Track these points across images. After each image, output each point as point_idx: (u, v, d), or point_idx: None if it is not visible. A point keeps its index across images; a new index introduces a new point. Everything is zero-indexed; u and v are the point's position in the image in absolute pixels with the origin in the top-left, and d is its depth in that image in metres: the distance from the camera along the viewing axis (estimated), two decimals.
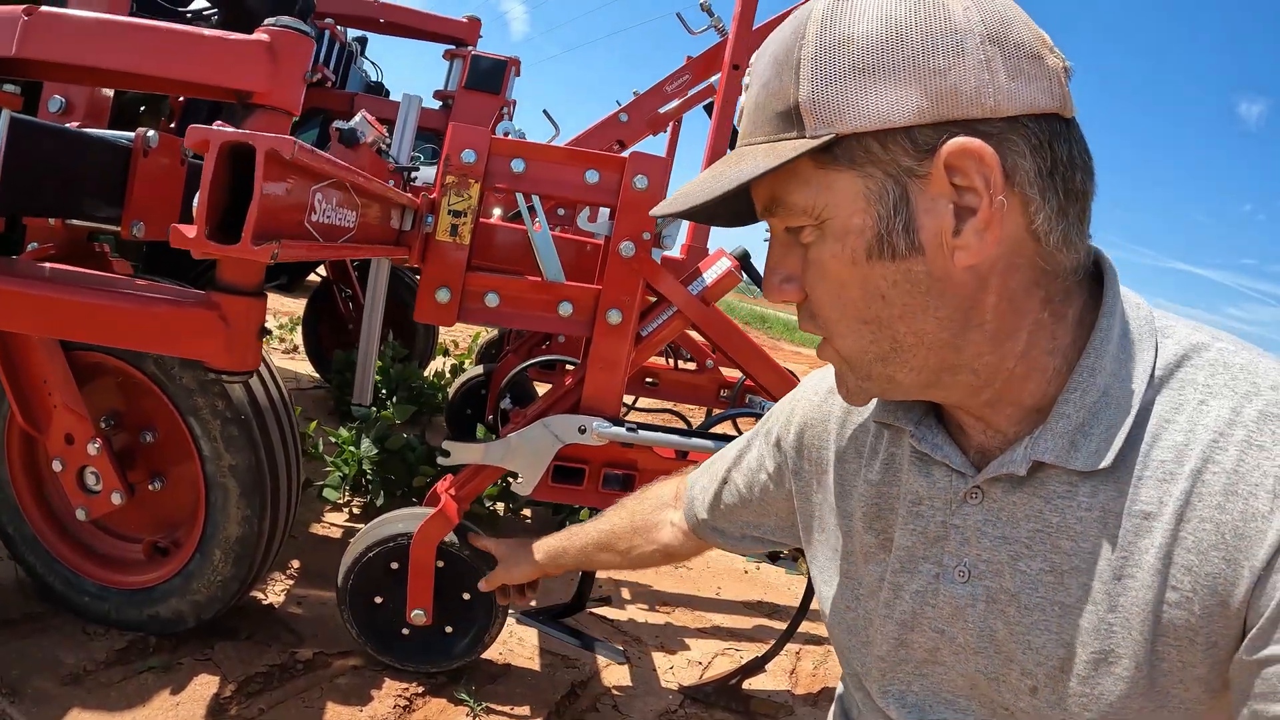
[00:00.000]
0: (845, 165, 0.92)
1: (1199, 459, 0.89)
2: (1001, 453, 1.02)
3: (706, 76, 4.57)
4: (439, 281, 2.44)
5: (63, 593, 2.75)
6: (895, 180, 0.91)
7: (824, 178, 0.93)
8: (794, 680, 3.47)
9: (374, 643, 2.72)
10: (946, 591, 1.07)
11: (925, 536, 1.10)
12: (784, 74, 0.94)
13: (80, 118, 2.45)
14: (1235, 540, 0.85)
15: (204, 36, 1.74)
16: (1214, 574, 0.86)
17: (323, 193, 1.68)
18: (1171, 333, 1.00)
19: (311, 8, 4.42)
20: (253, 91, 1.72)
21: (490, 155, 2.45)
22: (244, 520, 2.60)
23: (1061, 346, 0.99)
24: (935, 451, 1.09)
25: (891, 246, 0.92)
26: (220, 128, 1.39)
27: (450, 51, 5.23)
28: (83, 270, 2.07)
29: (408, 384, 5.50)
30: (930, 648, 1.10)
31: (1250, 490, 0.86)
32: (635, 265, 2.48)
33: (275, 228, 1.50)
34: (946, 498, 1.08)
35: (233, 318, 1.80)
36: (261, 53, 1.71)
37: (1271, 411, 0.89)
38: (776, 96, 0.95)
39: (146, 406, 2.67)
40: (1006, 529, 1.01)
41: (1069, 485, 0.96)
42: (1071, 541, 0.96)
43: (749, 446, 1.52)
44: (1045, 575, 0.98)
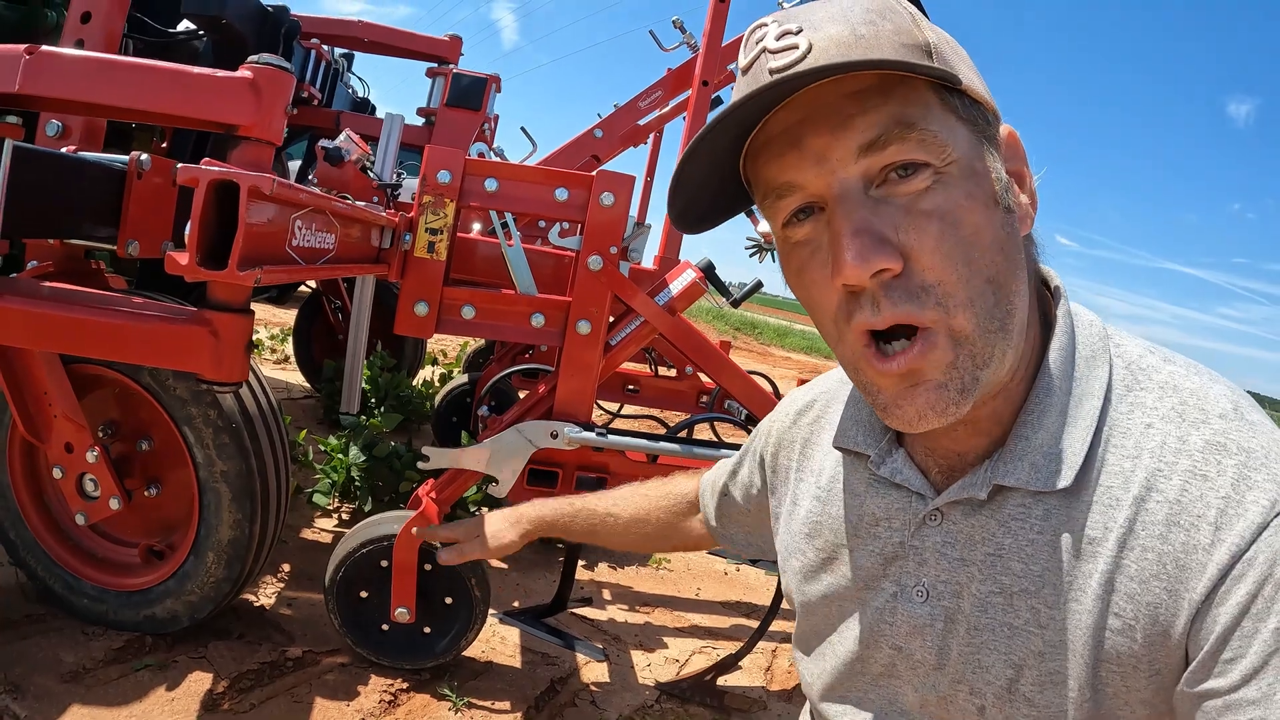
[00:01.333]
0: (961, 116, 0.90)
1: (1142, 486, 0.89)
2: (963, 473, 1.02)
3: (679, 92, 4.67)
4: (417, 295, 2.56)
5: (62, 595, 2.84)
6: (989, 142, 0.92)
7: (947, 119, 0.89)
8: (769, 677, 3.55)
9: (355, 636, 2.82)
10: (905, 610, 1.06)
11: (883, 556, 1.10)
12: (894, 18, 0.90)
13: (77, 141, 2.55)
14: (1176, 571, 0.85)
15: (192, 74, 1.86)
16: (1155, 604, 0.86)
17: (302, 219, 1.82)
18: (1123, 352, 1.00)
19: (297, 30, 4.52)
20: (238, 125, 1.83)
21: (465, 175, 2.57)
22: (236, 524, 2.69)
23: (1025, 360, 0.98)
24: (895, 475, 1.09)
25: (1003, 198, 0.91)
26: (208, 166, 1.53)
27: (432, 69, 5.31)
28: (81, 288, 2.17)
29: (396, 393, 5.58)
30: (887, 663, 1.10)
31: (1192, 522, 0.85)
32: (603, 278, 2.60)
33: (258, 254, 1.64)
34: (905, 519, 1.08)
35: (222, 333, 1.91)
36: (246, 89, 1.82)
37: (1218, 441, 0.88)
38: (895, 33, 0.89)
39: (142, 416, 2.77)
40: (964, 551, 1.01)
41: (1024, 507, 0.96)
42: (1022, 564, 0.95)
43: (741, 462, 1.54)
44: (995, 597, 0.97)
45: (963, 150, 0.88)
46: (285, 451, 2.94)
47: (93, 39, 2.75)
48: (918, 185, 0.87)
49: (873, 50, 0.87)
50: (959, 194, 0.87)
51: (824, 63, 0.85)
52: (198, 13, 3.75)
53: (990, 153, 0.92)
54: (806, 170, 0.91)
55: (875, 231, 0.87)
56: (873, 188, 0.89)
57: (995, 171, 0.91)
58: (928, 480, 1.07)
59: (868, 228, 0.87)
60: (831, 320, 0.95)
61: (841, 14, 0.90)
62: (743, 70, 0.98)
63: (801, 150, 0.91)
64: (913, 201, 0.87)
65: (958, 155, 0.88)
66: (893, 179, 0.88)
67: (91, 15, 2.76)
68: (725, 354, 4.99)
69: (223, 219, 1.60)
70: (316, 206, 1.90)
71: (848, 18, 0.90)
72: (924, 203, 0.87)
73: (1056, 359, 0.97)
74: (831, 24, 0.89)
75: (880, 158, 0.87)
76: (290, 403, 6.25)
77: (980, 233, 0.88)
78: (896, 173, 0.88)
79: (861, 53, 0.87)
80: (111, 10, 2.79)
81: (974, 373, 0.89)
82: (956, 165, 0.88)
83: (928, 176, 0.87)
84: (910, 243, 0.87)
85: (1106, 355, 0.99)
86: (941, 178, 0.87)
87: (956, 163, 0.88)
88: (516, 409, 2.75)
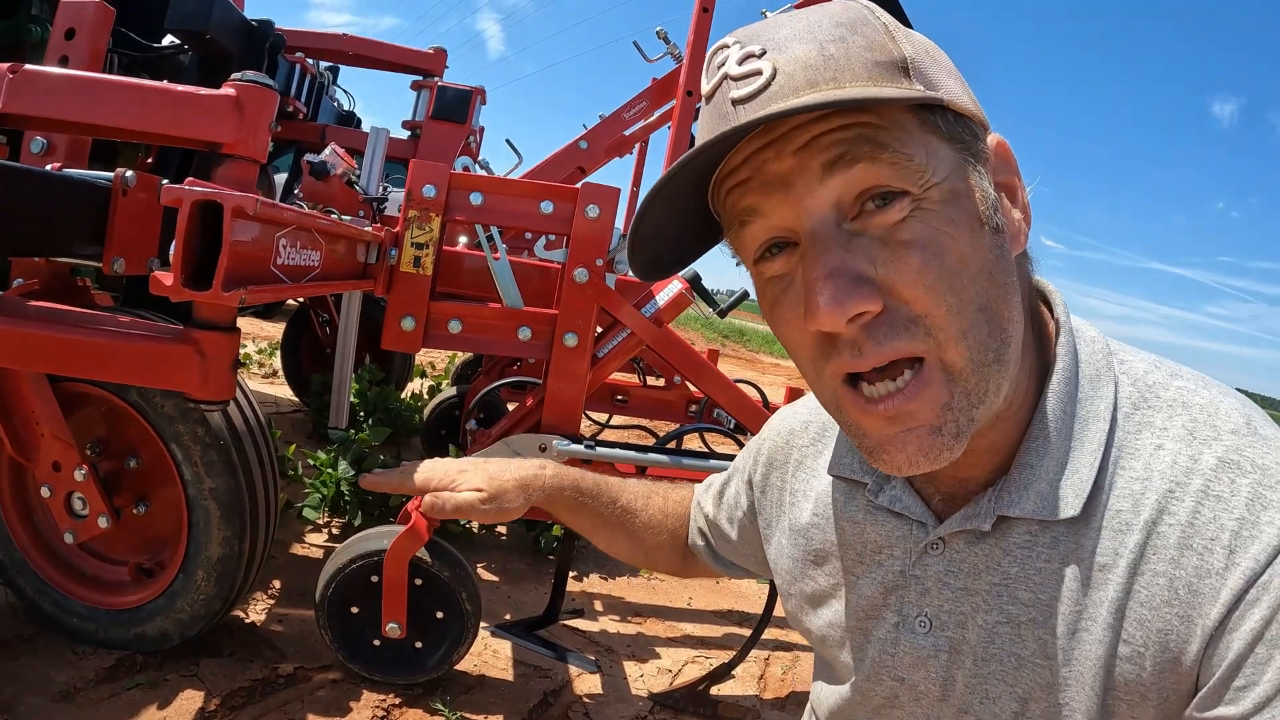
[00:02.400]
0: (943, 133, 0.85)
1: (1154, 509, 0.86)
2: (966, 500, 0.99)
3: (663, 102, 4.68)
4: (404, 310, 2.57)
5: (52, 614, 2.83)
6: (976, 158, 0.88)
7: (927, 140, 0.84)
8: (763, 685, 3.54)
9: (347, 652, 2.81)
10: (907, 641, 1.03)
11: (884, 586, 1.07)
12: (865, 32, 0.85)
13: (62, 158, 2.54)
14: (1189, 597, 0.82)
15: (176, 93, 1.86)
16: (1166, 630, 0.83)
17: (286, 237, 1.82)
18: (1129, 369, 0.97)
19: (282, 44, 4.52)
20: (222, 143, 1.84)
21: (450, 189, 2.58)
22: (225, 541, 2.69)
23: (1024, 382, 0.95)
24: (894, 504, 1.05)
25: (991, 219, 0.86)
26: (191, 186, 1.53)
27: (417, 83, 5.32)
28: (67, 307, 2.17)
29: (385, 406, 5.57)
30: (889, 695, 1.07)
31: (1205, 545, 0.82)
32: (589, 290, 2.61)
33: (243, 274, 1.64)
34: (906, 547, 1.05)
35: (208, 351, 1.91)
36: (229, 107, 1.83)
37: (1231, 459, 0.85)
38: (867, 50, 0.84)
39: (130, 433, 2.76)
40: (968, 580, 0.98)
41: (1030, 535, 0.93)
42: (1030, 593, 0.92)
43: (729, 481, 1.49)
44: (1003, 627, 0.94)
45: (944, 173, 0.83)
46: (274, 467, 2.94)
47: (77, 55, 2.75)
48: (895, 215, 0.82)
49: (843, 73, 0.82)
50: (940, 220, 0.82)
51: (786, 104, 0.80)
52: (182, 28, 3.74)
53: (977, 170, 0.87)
54: (771, 197, 0.87)
55: (850, 272, 0.82)
56: (847, 220, 0.84)
57: (981, 190, 0.86)
58: (929, 508, 1.03)
59: (842, 268, 0.82)
60: (808, 360, 0.91)
61: (808, 30, 0.85)
62: (705, 98, 0.93)
63: (765, 176, 0.86)
64: (890, 233, 0.82)
65: (938, 180, 0.83)
66: (868, 209, 0.83)
67: (76, 31, 2.76)
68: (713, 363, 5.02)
69: (207, 238, 1.60)
70: (301, 224, 1.91)
71: (815, 34, 0.84)
72: (903, 233, 0.82)
73: (1059, 381, 0.94)
74: (797, 43, 0.84)
75: (849, 180, 0.83)
76: (279, 417, 6.25)
77: (966, 260, 0.83)
78: (872, 202, 0.83)
79: (831, 77, 0.82)
80: (96, 26, 2.78)
81: (969, 412, 0.86)
82: (937, 190, 0.83)
83: (905, 205, 0.82)
84: (891, 276, 0.82)
85: (1111, 374, 0.95)
86: (921, 204, 0.82)
87: (937, 187, 0.83)
88: (505, 422, 2.76)
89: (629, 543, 1.60)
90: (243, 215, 1.58)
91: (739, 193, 0.89)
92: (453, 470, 1.57)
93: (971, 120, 0.88)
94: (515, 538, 4.65)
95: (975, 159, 0.87)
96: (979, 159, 0.88)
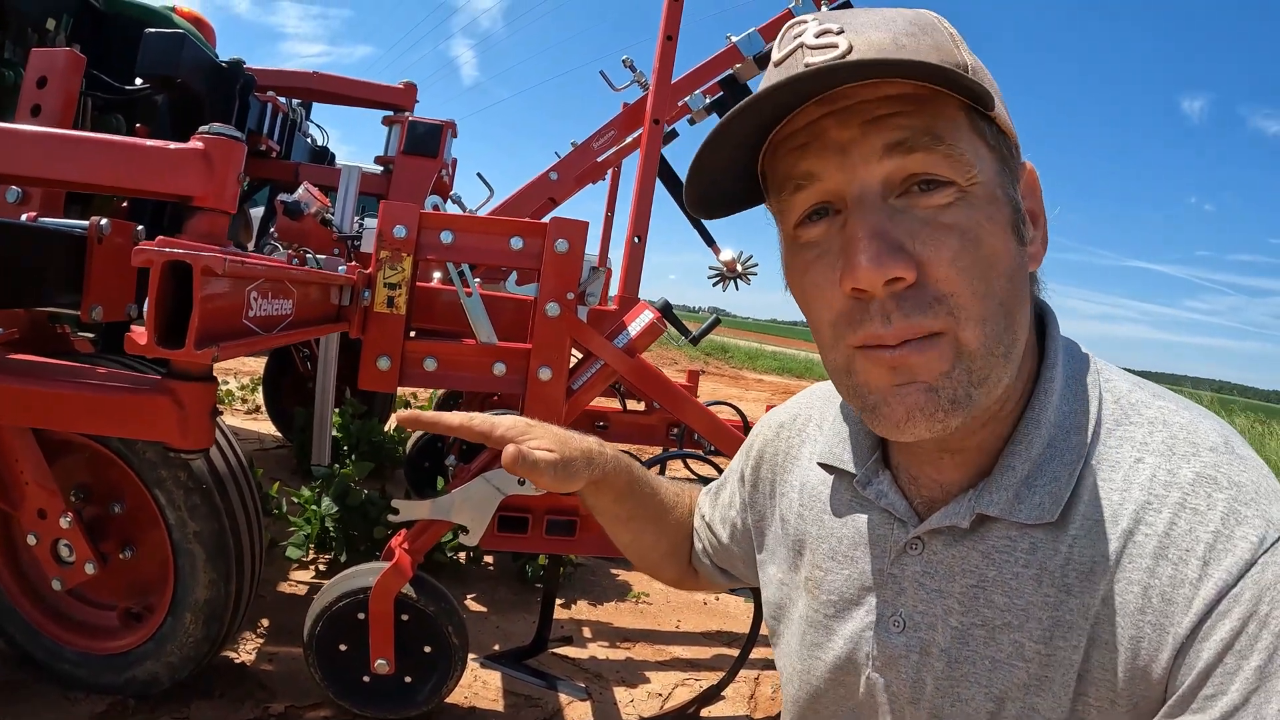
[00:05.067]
0: (989, 143, 0.89)
1: (1131, 519, 0.88)
2: (945, 504, 1.00)
3: (631, 131, 4.69)
4: (379, 350, 2.59)
5: (44, 661, 2.85)
6: (1011, 174, 0.92)
7: (975, 142, 0.88)
8: (753, 705, 3.56)
9: (337, 689, 2.83)
10: (882, 639, 1.03)
11: (861, 583, 1.08)
12: (935, 36, 0.91)
13: (37, 207, 2.55)
14: (1162, 605, 0.83)
15: (144, 148, 1.88)
16: (1139, 637, 0.84)
17: (257, 290, 1.85)
18: (1112, 387, 0.99)
19: (252, 84, 4.55)
20: (191, 196, 1.86)
21: (421, 229, 2.61)
22: (211, 583, 2.70)
23: (1016, 391, 0.97)
24: (880, 499, 1.06)
25: (1020, 230, 0.91)
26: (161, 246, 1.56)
27: (388, 118, 5.33)
28: (45, 360, 2.19)
29: (368, 440, 5.58)
30: (865, 692, 1.06)
31: (1181, 556, 0.84)
32: (561, 324, 2.64)
33: (216, 329, 1.67)
34: (885, 545, 1.05)
35: (186, 402, 1.92)
36: (197, 160, 1.85)
37: (1209, 474, 0.87)
38: (937, 50, 0.89)
39: (114, 479, 2.77)
40: (943, 582, 0.99)
41: (1009, 540, 0.94)
42: (1006, 597, 0.93)
43: (724, 484, 1.49)
44: (977, 629, 0.95)
45: (988, 175, 0.88)
46: (257, 508, 2.95)
47: (50, 102, 2.77)
48: (940, 200, 0.86)
49: (916, 54, 0.86)
50: (981, 215, 0.86)
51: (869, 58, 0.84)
52: (152, 73, 3.77)
53: (1012, 183, 0.91)
54: (828, 161, 0.89)
55: (892, 238, 0.85)
56: (893, 196, 0.87)
57: (1015, 202, 0.91)
58: (911, 507, 1.04)
59: (884, 232, 0.85)
60: (829, 325, 0.92)
61: (885, 22, 0.90)
62: (775, 63, 0.95)
63: (825, 142, 0.89)
64: (933, 215, 0.85)
65: (983, 179, 0.87)
66: (914, 191, 0.86)
67: (47, 80, 2.78)
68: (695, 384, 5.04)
69: (179, 295, 1.63)
70: (271, 276, 1.93)
71: (890, 26, 0.89)
72: (945, 216, 0.85)
73: (1046, 391, 0.96)
74: (874, 30, 0.89)
75: (904, 164, 0.86)
76: (262, 453, 6.25)
77: (998, 256, 0.87)
78: (919, 186, 0.86)
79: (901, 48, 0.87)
80: (67, 73, 2.80)
81: (967, 388, 0.87)
82: (981, 187, 0.87)
83: (951, 193, 0.86)
84: (927, 254, 0.85)
85: (1096, 389, 0.98)
86: (965, 196, 0.86)
87: (982, 184, 0.87)
88: (484, 457, 2.77)
89: (654, 539, 1.53)
90: (212, 274, 1.61)
91: (796, 155, 0.92)
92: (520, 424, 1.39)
93: (1010, 139, 0.92)
94: (501, 568, 4.67)
95: (1012, 174, 0.92)
96: (1014, 175, 0.92)
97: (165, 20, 4.16)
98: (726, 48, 4.60)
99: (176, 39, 3.76)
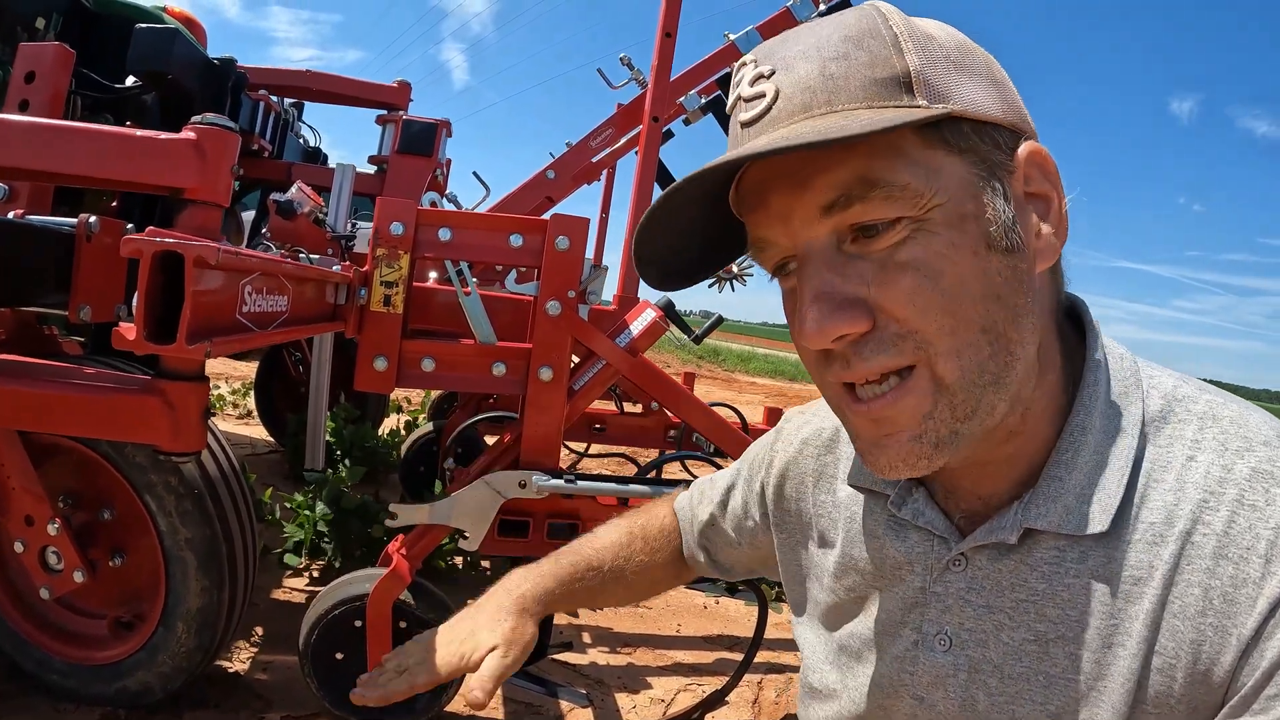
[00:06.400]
0: (953, 148, 0.84)
1: (1188, 520, 0.85)
2: (988, 517, 0.97)
3: (629, 129, 4.67)
4: (376, 350, 2.53)
5: (33, 672, 2.78)
6: (993, 173, 0.86)
7: (932, 158, 0.83)
8: (757, 709, 3.52)
9: (334, 698, 2.76)
10: (926, 660, 1.01)
11: (903, 602, 1.05)
12: (871, 46, 0.85)
13: (24, 204, 2.49)
14: (1224, 606, 0.80)
15: (135, 138, 1.82)
16: (1200, 640, 0.81)
17: (252, 285, 1.78)
18: (1157, 384, 0.95)
19: (244, 82, 4.50)
20: (184, 188, 1.80)
21: (418, 226, 2.55)
22: (204, 591, 2.64)
23: (1054, 398, 0.94)
24: (917, 518, 1.03)
25: (1003, 240, 0.85)
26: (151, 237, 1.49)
27: (382, 117, 5.28)
28: (32, 360, 2.13)
29: (361, 444, 5.53)
30: (909, 714, 1.04)
31: (1241, 554, 0.81)
32: (562, 323, 2.58)
33: (208, 324, 1.60)
34: (927, 563, 1.02)
35: (177, 402, 1.86)
36: (190, 151, 1.79)
37: (1265, 469, 0.84)
38: (868, 66, 0.84)
39: (102, 485, 2.70)
40: (991, 597, 0.96)
41: (1057, 551, 0.91)
42: (1058, 610, 0.90)
43: (733, 488, 1.46)
44: (1030, 645, 0.92)
45: (949, 192, 0.82)
46: (250, 513, 2.89)
47: (38, 98, 2.71)
48: (891, 239, 0.83)
49: (838, 94, 0.83)
50: (940, 243, 0.82)
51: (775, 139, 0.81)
52: (143, 69, 3.72)
53: (992, 185, 0.85)
54: (775, 229, 0.89)
55: (837, 296, 0.84)
56: (846, 243, 0.86)
57: (994, 209, 0.85)
58: (951, 523, 1.02)
59: (829, 292, 0.85)
60: (814, 367, 0.94)
61: (815, 46, 0.86)
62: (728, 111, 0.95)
63: (769, 209, 0.89)
64: (888, 255, 0.83)
65: (941, 200, 0.82)
66: (862, 238, 0.84)
67: (35, 75, 2.73)
68: (689, 386, 4.99)
69: (170, 288, 1.57)
70: (266, 270, 1.87)
71: (820, 51, 0.85)
72: (900, 254, 0.83)
73: (1089, 396, 0.93)
74: (802, 62, 0.86)
75: (844, 218, 0.84)
76: (255, 458, 6.18)
77: (966, 283, 0.83)
78: (864, 234, 0.84)
79: (825, 100, 0.83)
80: (56, 69, 2.75)
81: (952, 425, 0.86)
82: (940, 211, 0.82)
83: (903, 229, 0.82)
84: (883, 298, 0.83)
85: (1140, 389, 0.94)
86: (921, 226, 0.82)
87: (940, 208, 0.82)
88: (483, 460, 2.72)
89: (628, 593, 1.58)
90: (204, 265, 1.54)
91: (751, 219, 0.93)
92: (453, 648, 1.39)
93: (999, 127, 0.87)
94: (498, 573, 4.56)
95: (993, 172, 0.86)
96: (999, 171, 0.87)
97: (156, 20, 4.09)
98: (724, 46, 4.57)
99: (168, 34, 3.70)
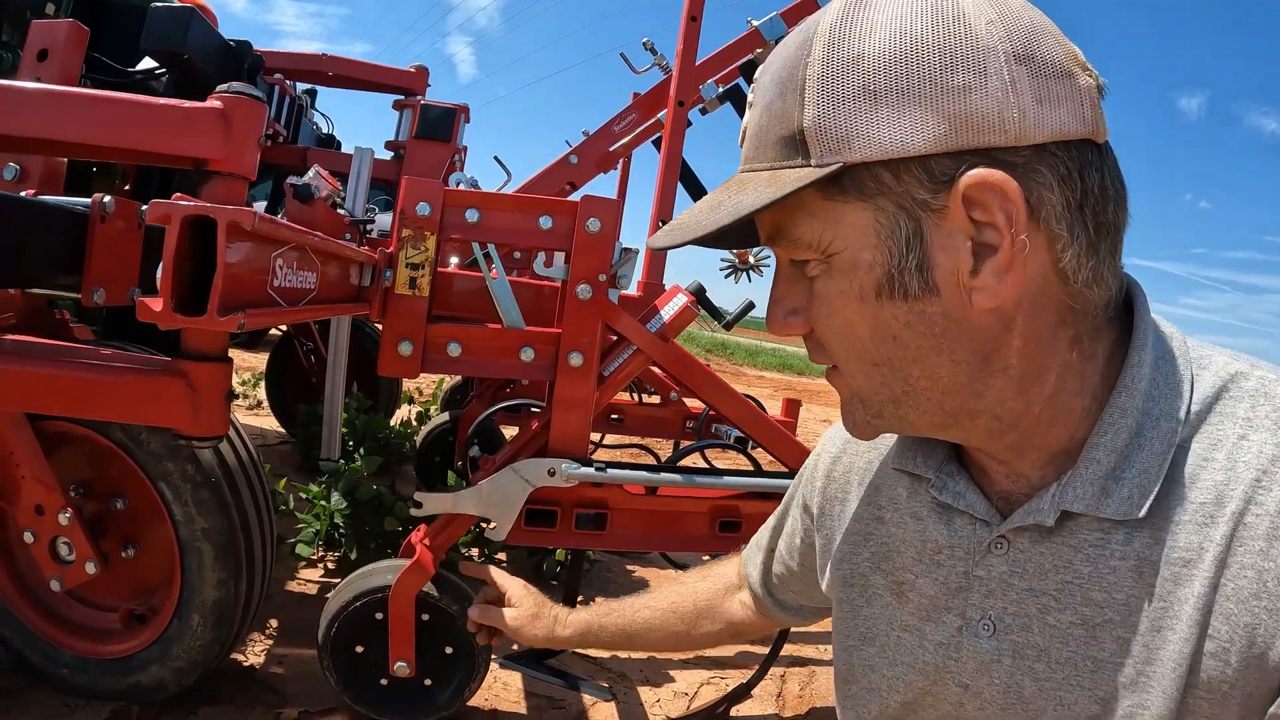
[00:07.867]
0: (855, 196, 0.84)
1: (1241, 500, 0.82)
2: (1027, 499, 0.95)
3: (653, 114, 4.61)
4: (401, 335, 2.45)
5: (41, 666, 2.71)
6: (909, 214, 0.84)
7: (831, 209, 0.86)
8: (781, 704, 3.48)
9: (354, 693, 2.69)
10: (970, 645, 0.99)
11: (946, 587, 1.03)
12: (787, 95, 0.86)
13: (36, 184, 2.43)
14: (1279, 589, 0.78)
15: (158, 105, 1.73)
16: (1254, 624, 0.79)
17: (283, 257, 1.70)
18: (1208, 363, 0.93)
19: (260, 65, 4.44)
20: (208, 159, 1.72)
21: (445, 207, 2.47)
22: (220, 583, 2.57)
23: (1091, 386, 0.92)
24: (958, 501, 1.02)
25: (903, 286, 0.85)
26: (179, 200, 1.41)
27: (399, 102, 5.23)
28: (45, 341, 2.05)
29: (374, 435, 5.47)
30: (955, 702, 1.02)
31: None
32: (593, 307, 2.50)
33: (239, 297, 1.52)
34: (969, 547, 1.01)
35: (199, 384, 1.79)
36: (216, 120, 1.70)
37: None
38: (779, 120, 0.87)
39: (115, 473, 2.63)
40: (1034, 580, 0.94)
41: (1101, 533, 0.89)
42: (1104, 593, 0.88)
43: (786, 514, 1.46)
44: (1076, 629, 0.90)
45: (846, 241, 0.88)
46: (268, 503, 2.83)
47: (50, 77, 2.64)
48: (813, 272, 0.93)
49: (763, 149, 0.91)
50: (834, 289, 0.91)
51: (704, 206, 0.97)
52: (158, 48, 3.66)
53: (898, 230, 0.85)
54: None
55: (785, 304, 0.98)
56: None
57: (896, 255, 0.86)
58: (992, 505, 1.00)
59: (779, 299, 0.99)
60: None
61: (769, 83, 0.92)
62: None
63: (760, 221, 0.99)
64: (813, 282, 0.94)
65: (837, 250, 0.88)
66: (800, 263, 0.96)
67: (49, 53, 2.65)
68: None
69: (197, 260, 1.49)
70: (299, 243, 1.78)
71: (767, 90, 0.92)
72: (817, 286, 0.93)
73: (1134, 379, 0.90)
74: (759, 99, 0.94)
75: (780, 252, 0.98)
76: (266, 449, 6.13)
77: (853, 326, 0.91)
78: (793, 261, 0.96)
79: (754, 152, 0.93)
80: (69, 47, 2.68)
81: (866, 418, 0.99)
82: (836, 259, 0.89)
83: (817, 266, 0.92)
84: (811, 315, 0.96)
85: (1189, 368, 0.91)
86: (828, 266, 0.90)
87: (836, 257, 0.89)
88: (510, 447, 2.65)
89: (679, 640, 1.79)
90: (239, 232, 1.45)
91: None
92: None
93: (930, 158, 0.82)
94: (517, 564, 4.54)
95: (910, 212, 0.85)
96: (918, 211, 0.84)
97: None
98: (748, 31, 4.50)
99: (185, 13, 3.63)
